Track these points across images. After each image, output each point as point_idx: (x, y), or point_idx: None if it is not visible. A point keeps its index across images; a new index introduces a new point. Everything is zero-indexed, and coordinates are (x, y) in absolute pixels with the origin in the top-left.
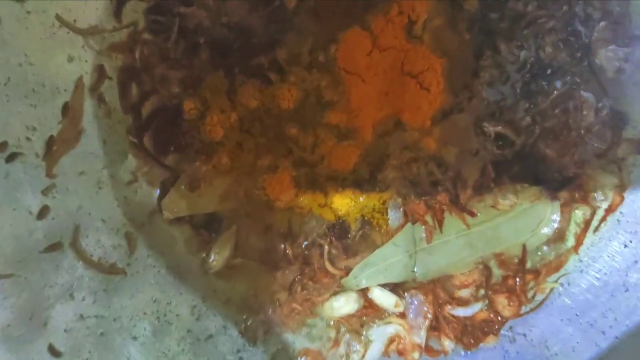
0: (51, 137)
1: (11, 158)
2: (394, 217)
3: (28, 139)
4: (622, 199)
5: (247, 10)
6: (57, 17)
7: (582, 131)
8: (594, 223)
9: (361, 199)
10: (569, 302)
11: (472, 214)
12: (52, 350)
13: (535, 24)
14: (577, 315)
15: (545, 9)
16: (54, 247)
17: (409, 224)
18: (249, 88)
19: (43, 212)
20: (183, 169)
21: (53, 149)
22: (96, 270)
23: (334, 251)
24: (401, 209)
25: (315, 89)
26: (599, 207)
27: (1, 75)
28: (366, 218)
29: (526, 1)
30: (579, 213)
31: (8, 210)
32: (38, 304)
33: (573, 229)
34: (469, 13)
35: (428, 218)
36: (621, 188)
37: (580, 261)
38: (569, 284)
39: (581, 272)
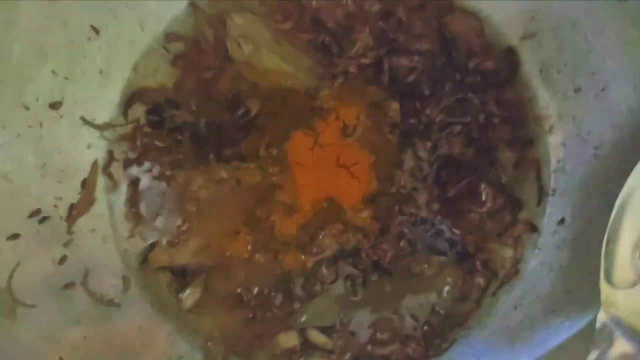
0: (72, 204)
1: (42, 220)
2: (326, 274)
3: (55, 206)
4: (518, 271)
5: (219, 114)
6: (82, 118)
7: (484, 215)
8: (492, 287)
9: (302, 258)
10: (470, 350)
11: (389, 273)
12: None
13: (447, 127)
14: None
15: (453, 116)
16: (69, 285)
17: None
18: (219, 170)
19: (63, 260)
20: (166, 230)
21: (73, 213)
22: (99, 303)
23: (280, 298)
24: (332, 269)
25: (270, 174)
26: (498, 276)
27: (39, 161)
28: (307, 274)
29: (439, 110)
30: (481, 280)
31: (37, 259)
32: (53, 327)
33: (477, 292)
34: (392, 119)
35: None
36: (516, 261)
37: (480, 317)
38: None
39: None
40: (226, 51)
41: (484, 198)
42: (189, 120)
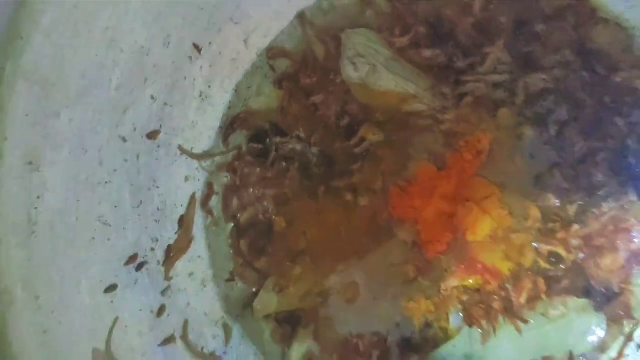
0: (169, 246)
1: (140, 267)
2: (454, 321)
3: (152, 249)
4: None
5: (330, 142)
6: (180, 147)
7: (630, 254)
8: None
9: (426, 304)
10: None
11: (524, 321)
12: None
13: (589, 155)
14: None
15: (597, 142)
16: (168, 340)
17: (467, 327)
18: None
19: (161, 311)
20: (271, 272)
21: (171, 256)
22: (200, 359)
23: (396, 348)
24: (460, 314)
25: (387, 210)
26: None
27: (136, 199)
28: (429, 320)
29: (580, 137)
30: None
31: (136, 312)
32: None
33: (620, 340)
34: (525, 146)
35: (484, 323)
36: None
37: None
38: None
39: None
40: (337, 71)
41: (633, 234)
42: (297, 149)
